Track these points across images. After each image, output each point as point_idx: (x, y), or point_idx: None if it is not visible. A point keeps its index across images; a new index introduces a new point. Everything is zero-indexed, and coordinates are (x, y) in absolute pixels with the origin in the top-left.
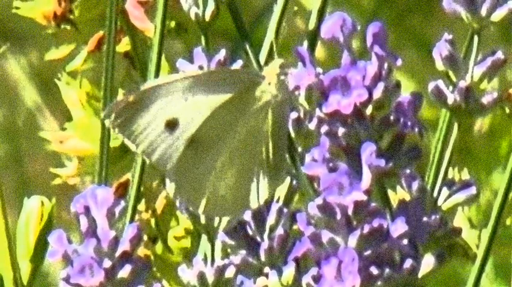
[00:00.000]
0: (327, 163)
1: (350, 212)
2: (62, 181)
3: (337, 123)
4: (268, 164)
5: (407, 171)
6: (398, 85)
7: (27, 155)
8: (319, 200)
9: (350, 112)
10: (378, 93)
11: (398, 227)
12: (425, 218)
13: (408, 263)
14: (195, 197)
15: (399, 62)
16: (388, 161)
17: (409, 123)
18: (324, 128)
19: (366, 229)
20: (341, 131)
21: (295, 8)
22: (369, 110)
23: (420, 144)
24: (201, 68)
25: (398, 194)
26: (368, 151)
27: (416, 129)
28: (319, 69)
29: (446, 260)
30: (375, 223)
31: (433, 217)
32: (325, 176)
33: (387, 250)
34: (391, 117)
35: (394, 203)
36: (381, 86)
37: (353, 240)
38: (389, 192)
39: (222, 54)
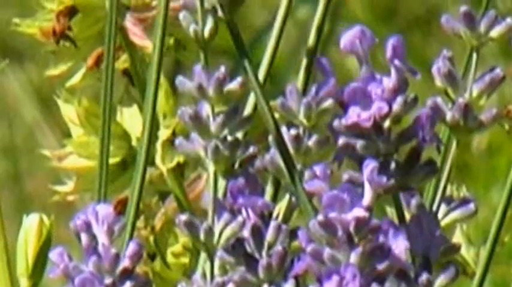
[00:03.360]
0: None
1: (351, 228)
2: (60, 198)
3: (355, 136)
4: None
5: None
6: (416, 99)
7: (26, 172)
8: (320, 217)
9: (369, 125)
10: (397, 106)
11: (400, 244)
12: (437, 233)
13: (423, 278)
14: None
15: (419, 76)
16: (403, 176)
17: (427, 137)
18: (342, 141)
19: (368, 245)
20: (359, 143)
21: None
22: (386, 124)
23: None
24: (200, 86)
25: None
26: (369, 167)
27: (434, 144)
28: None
29: (458, 276)
30: (377, 240)
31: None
32: (327, 193)
33: (389, 266)
34: (409, 131)
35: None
36: (400, 99)
37: (354, 257)
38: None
39: (221, 71)
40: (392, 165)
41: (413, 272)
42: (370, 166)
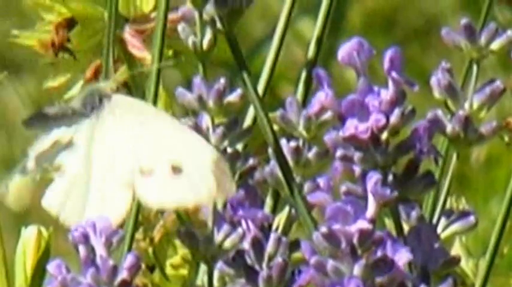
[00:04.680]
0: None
1: (355, 240)
2: None
3: (352, 148)
4: None
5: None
6: (413, 111)
7: None
8: (324, 229)
9: (367, 137)
10: (394, 118)
11: (403, 256)
12: (437, 245)
13: None
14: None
15: (416, 88)
16: (401, 188)
17: (424, 149)
18: (339, 153)
19: (371, 258)
20: (357, 155)
21: None
22: (384, 136)
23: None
24: (200, 97)
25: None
26: (373, 179)
27: (432, 156)
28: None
29: None
30: (380, 252)
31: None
32: (330, 205)
33: (391, 278)
34: (407, 143)
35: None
36: (397, 111)
37: (358, 269)
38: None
39: (221, 83)
40: (390, 177)
41: (412, 284)
42: (373, 178)
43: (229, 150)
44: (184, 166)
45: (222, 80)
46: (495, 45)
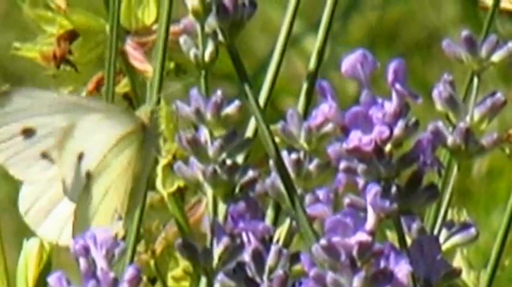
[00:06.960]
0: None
1: (354, 253)
2: None
3: (355, 160)
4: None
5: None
6: (417, 123)
7: None
8: (323, 241)
9: (371, 149)
10: (398, 130)
11: (402, 268)
12: (439, 257)
13: None
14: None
15: (420, 100)
16: (404, 200)
17: (428, 161)
18: (343, 165)
19: (370, 270)
20: (360, 167)
21: None
22: (387, 147)
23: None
24: (197, 110)
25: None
26: (372, 191)
27: (435, 168)
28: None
29: None
30: (380, 264)
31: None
32: (330, 217)
33: None
34: (410, 155)
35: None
36: (401, 123)
37: (357, 281)
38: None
39: (218, 95)
40: (394, 189)
41: None
42: (373, 190)
43: (228, 162)
44: None
45: (219, 92)
46: (496, 57)
